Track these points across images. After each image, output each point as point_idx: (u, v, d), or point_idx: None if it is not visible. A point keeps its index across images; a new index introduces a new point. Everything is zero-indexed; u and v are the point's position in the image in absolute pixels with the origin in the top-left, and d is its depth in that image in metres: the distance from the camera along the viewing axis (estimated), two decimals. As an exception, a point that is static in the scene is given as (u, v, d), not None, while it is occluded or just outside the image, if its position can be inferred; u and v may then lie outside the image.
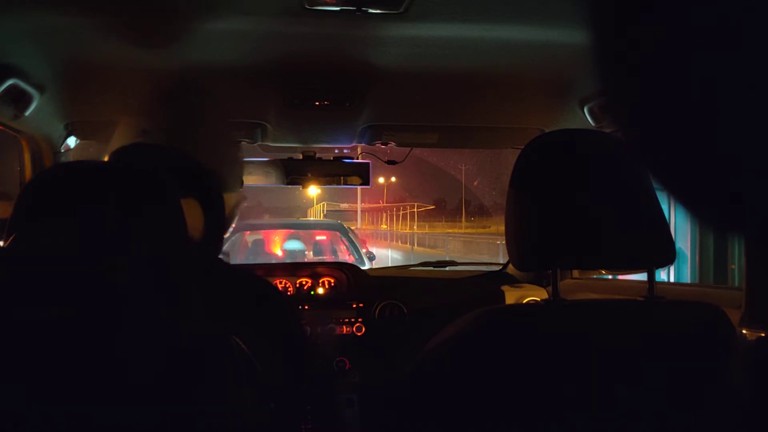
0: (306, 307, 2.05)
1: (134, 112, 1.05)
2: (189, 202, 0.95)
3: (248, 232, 6.05)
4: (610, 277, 2.17)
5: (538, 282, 2.18)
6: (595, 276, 2.14)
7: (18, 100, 1.45)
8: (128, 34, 1.29)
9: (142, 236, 0.81)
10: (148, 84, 1.61)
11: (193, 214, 0.94)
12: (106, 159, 1.02)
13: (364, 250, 5.66)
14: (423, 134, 2.08)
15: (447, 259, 2.97)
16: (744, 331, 1.15)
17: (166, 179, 0.87)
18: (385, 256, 17.05)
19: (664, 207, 0.88)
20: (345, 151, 2.24)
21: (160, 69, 1.49)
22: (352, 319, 2.05)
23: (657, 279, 0.90)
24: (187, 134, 1.00)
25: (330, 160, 2.13)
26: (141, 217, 0.83)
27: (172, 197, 0.87)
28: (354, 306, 2.07)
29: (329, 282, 2.19)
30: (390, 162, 2.32)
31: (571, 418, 0.78)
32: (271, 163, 2.11)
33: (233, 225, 1.11)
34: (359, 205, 34.21)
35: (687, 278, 3.23)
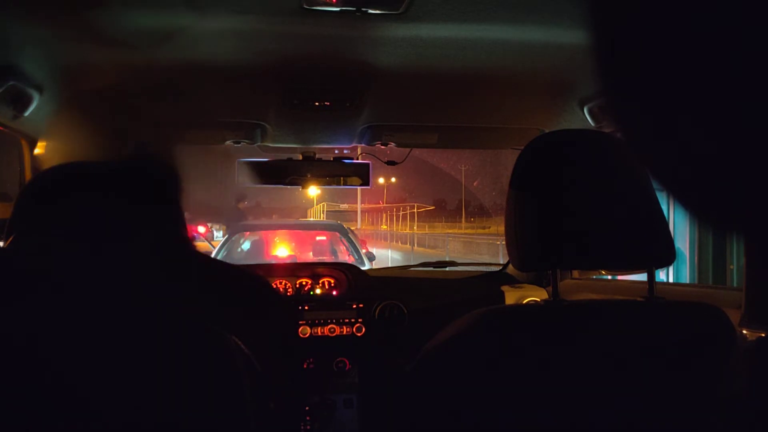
0: (306, 308, 2.05)
1: (112, 134, 1.04)
2: None
3: (248, 233, 6.05)
4: (609, 277, 2.17)
5: (538, 282, 2.18)
6: (595, 276, 2.14)
7: (17, 100, 1.45)
8: (127, 34, 1.29)
9: (141, 237, 0.81)
10: (147, 84, 1.61)
11: None
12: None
13: (363, 251, 5.64)
14: (423, 134, 2.08)
15: (447, 259, 2.96)
16: (744, 331, 1.15)
17: (165, 179, 0.87)
18: (385, 256, 17.04)
19: (664, 207, 0.88)
20: (345, 151, 2.24)
21: (159, 68, 1.50)
22: (352, 320, 2.05)
23: (656, 279, 0.90)
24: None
25: (330, 161, 2.13)
26: (140, 217, 0.83)
27: (172, 196, 0.87)
28: (354, 306, 2.07)
29: (329, 282, 2.19)
30: (390, 162, 2.32)
31: (570, 417, 0.78)
32: (271, 164, 2.11)
33: None
34: (359, 206, 34.21)
35: (686, 278, 3.23)
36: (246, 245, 5.85)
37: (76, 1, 1.15)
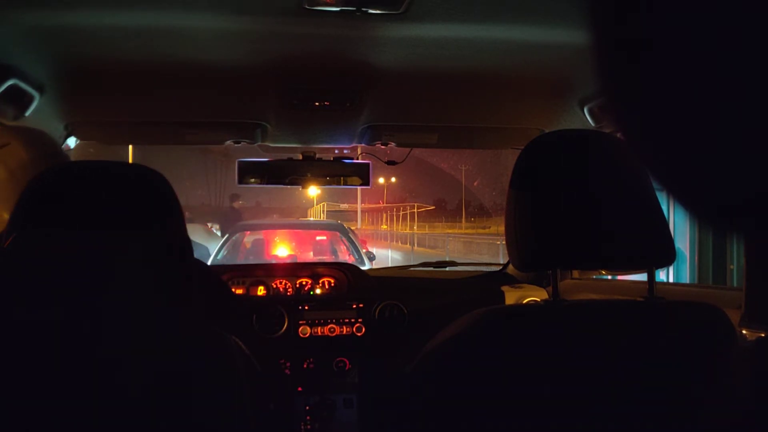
0: (306, 308, 2.05)
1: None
2: None
3: (248, 232, 6.05)
4: (609, 277, 2.17)
5: (538, 282, 2.18)
6: (595, 276, 2.14)
7: (18, 100, 1.45)
8: (128, 34, 1.29)
9: (142, 237, 0.81)
10: (147, 84, 1.61)
11: None
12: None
13: (364, 250, 5.64)
14: (423, 134, 2.08)
15: (447, 259, 2.97)
16: (744, 331, 1.15)
17: (165, 180, 0.87)
18: (385, 256, 17.03)
19: (664, 207, 0.88)
20: (345, 151, 2.24)
21: (159, 69, 1.49)
22: (352, 320, 2.05)
23: (656, 279, 0.91)
24: None
25: (330, 161, 2.13)
26: (141, 218, 0.83)
27: (173, 197, 0.87)
28: (354, 306, 2.07)
29: (329, 282, 2.19)
30: (390, 162, 2.32)
31: (570, 417, 0.78)
32: (271, 164, 2.11)
33: None
34: (359, 206, 34.17)
35: (686, 278, 3.23)
36: (246, 244, 5.85)
37: (78, 0, 1.15)
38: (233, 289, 2.11)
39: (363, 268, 2.43)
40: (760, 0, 0.24)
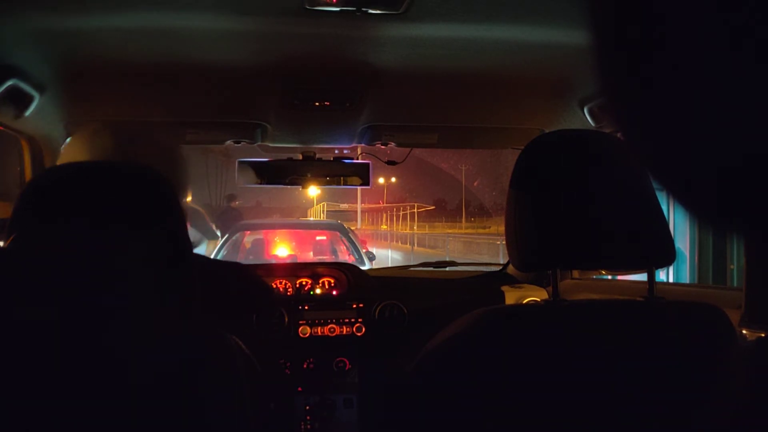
0: (306, 308, 2.05)
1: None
2: None
3: (248, 232, 6.05)
4: (609, 277, 2.17)
5: (538, 282, 2.18)
6: (595, 276, 2.14)
7: (18, 100, 1.45)
8: (129, 34, 1.29)
9: (142, 237, 0.81)
10: (147, 84, 1.62)
11: None
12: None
13: (364, 250, 5.64)
14: (423, 134, 2.08)
15: (447, 259, 2.97)
16: (744, 331, 1.15)
17: (165, 179, 0.87)
18: (385, 256, 17.03)
19: (664, 207, 0.88)
20: (345, 151, 2.24)
21: (160, 69, 1.50)
22: (352, 320, 2.05)
23: (656, 279, 0.91)
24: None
25: (330, 161, 2.13)
26: (142, 218, 0.83)
27: (172, 196, 0.87)
28: (354, 306, 2.07)
29: (329, 282, 2.19)
30: (390, 162, 2.32)
31: (570, 417, 0.78)
32: (271, 164, 2.12)
33: None
34: (359, 206, 34.16)
35: (686, 278, 3.23)
36: (246, 244, 5.85)
37: (80, 1, 1.15)
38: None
39: (363, 268, 2.43)
40: (759, 1, 0.24)
